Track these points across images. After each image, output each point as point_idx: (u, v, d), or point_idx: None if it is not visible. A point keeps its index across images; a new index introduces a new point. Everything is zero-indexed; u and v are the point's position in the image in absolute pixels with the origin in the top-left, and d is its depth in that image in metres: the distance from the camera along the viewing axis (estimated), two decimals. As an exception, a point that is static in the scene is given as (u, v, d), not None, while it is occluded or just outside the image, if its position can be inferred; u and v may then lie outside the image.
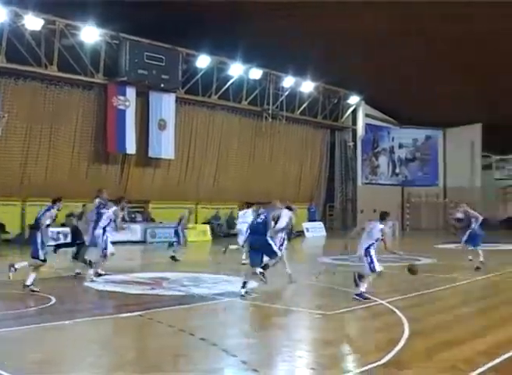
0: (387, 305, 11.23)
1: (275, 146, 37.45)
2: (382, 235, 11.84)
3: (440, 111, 42.57)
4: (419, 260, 19.35)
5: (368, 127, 43.77)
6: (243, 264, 16.36)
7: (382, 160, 46.57)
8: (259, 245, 12.38)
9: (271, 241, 12.57)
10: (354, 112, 42.41)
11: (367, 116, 43.32)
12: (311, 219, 36.50)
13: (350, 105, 41.82)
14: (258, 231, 12.52)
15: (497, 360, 7.47)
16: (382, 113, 45.45)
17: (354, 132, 42.75)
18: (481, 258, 17.46)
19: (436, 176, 48.70)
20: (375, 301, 11.64)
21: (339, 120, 41.69)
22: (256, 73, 33.89)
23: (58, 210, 13.21)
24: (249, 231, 13.40)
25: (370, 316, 10.58)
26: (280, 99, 36.24)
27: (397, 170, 47.94)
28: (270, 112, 35.40)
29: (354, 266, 18.65)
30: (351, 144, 42.49)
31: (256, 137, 36.07)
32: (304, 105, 38.26)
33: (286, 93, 36.44)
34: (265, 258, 12.42)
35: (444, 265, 18.93)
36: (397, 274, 16.02)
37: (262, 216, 12.64)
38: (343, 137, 42.54)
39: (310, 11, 28.84)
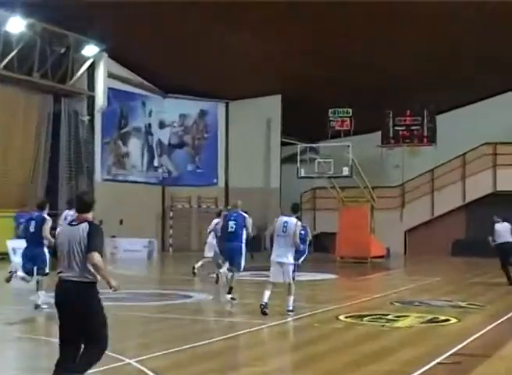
0: (136, 365, 11.31)
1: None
2: None
3: (223, 77, 43.72)
4: (190, 297, 19.81)
5: (113, 94, 43.96)
6: None
7: (134, 145, 46.95)
8: None
9: None
10: (92, 69, 42.38)
11: (111, 76, 43.43)
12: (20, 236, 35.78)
13: (85, 59, 41.68)
14: None
15: None
16: (136, 74, 45.88)
17: (91, 100, 42.77)
18: None
19: (215, 171, 49.94)
20: (121, 360, 11.69)
21: (68, 81, 41.43)
22: None
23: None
24: None
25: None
26: (-26, 44, 35.40)
27: (156, 162, 48.56)
28: (-43, 63, 34.50)
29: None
30: (86, 118, 42.50)
31: None
32: (12, 55, 37.48)
33: (-16, 34, 35.69)
34: None
35: (224, 303, 19.38)
36: (153, 320, 16.25)
37: None
38: (73, 107, 42.41)
39: None
